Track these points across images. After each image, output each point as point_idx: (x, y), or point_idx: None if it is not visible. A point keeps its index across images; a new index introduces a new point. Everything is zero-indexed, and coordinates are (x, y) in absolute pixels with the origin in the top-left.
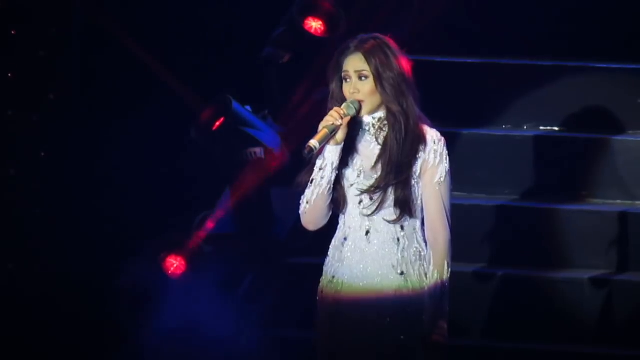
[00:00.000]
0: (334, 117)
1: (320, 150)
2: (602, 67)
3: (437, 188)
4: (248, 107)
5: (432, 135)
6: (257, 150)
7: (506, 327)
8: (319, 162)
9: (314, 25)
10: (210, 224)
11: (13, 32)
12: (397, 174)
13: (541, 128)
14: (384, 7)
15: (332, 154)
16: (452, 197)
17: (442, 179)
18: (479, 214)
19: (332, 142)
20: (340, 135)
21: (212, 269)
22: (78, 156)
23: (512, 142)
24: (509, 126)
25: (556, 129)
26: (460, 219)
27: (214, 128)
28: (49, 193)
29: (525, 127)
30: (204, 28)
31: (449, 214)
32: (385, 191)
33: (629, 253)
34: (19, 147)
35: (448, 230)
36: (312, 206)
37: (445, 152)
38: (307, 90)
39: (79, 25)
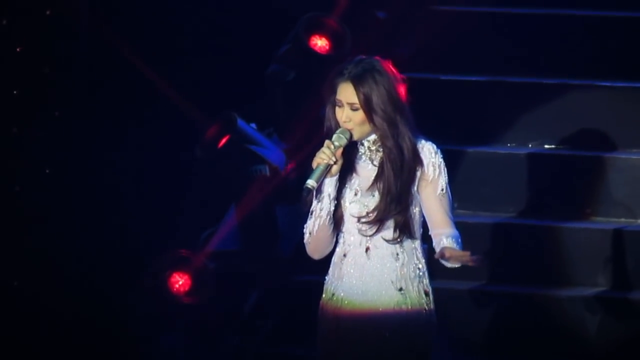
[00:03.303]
0: (327, 155)
1: (319, 186)
2: (607, 85)
3: (441, 199)
4: (253, 125)
5: (428, 148)
6: (262, 167)
7: (510, 344)
8: (316, 195)
9: (319, 43)
10: (215, 242)
11: (18, 50)
12: (397, 203)
13: (546, 146)
14: (389, 25)
15: (328, 186)
16: (456, 215)
17: (444, 190)
18: (483, 232)
19: (327, 175)
20: (335, 168)
21: (217, 286)
22: (83, 173)
23: (517, 160)
24: (514, 144)
25: (561, 146)
26: (464, 236)
27: (220, 146)
28: (53, 210)
29: (530, 145)
30: (209, 46)
31: (453, 222)
32: (384, 219)
33: (632, 271)
34: (23, 164)
35: (457, 231)
36: (314, 237)
37: (443, 163)
38: (313, 108)
39: (84, 42)
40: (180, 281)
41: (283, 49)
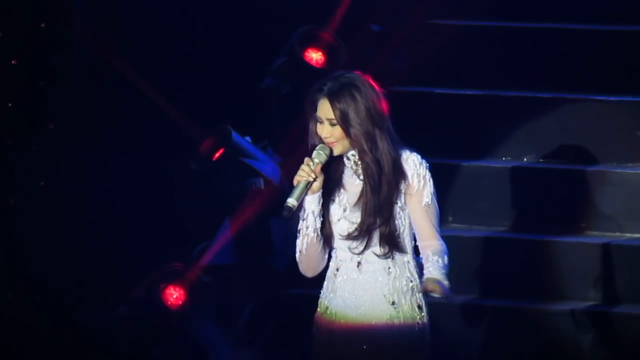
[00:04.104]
0: (307, 172)
1: (301, 205)
2: (602, 99)
3: (427, 210)
4: (248, 138)
5: (413, 159)
6: (257, 181)
7: (503, 358)
8: (301, 214)
9: (314, 56)
10: (209, 255)
11: (13, 62)
12: (376, 216)
13: (541, 160)
14: (384, 39)
15: (310, 203)
16: (450, 229)
17: (430, 201)
18: (477, 246)
19: (309, 192)
20: (317, 184)
21: (211, 300)
22: (77, 186)
23: (511, 174)
24: (509, 158)
25: (555, 160)
26: (459, 250)
27: (214, 159)
28: (48, 222)
29: (524, 159)
30: (204, 59)
31: (439, 227)
32: (369, 233)
33: (627, 285)
34: (18, 177)
35: (443, 244)
36: (305, 255)
37: (428, 174)
38: (307, 122)
39: (79, 55)
40: (174, 294)
41: (278, 62)
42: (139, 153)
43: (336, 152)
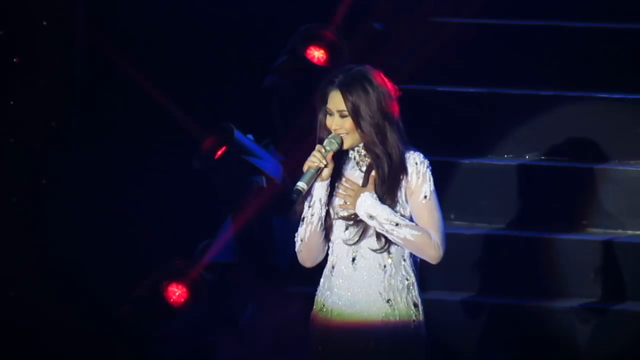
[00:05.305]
0: (318, 158)
1: (309, 190)
2: (603, 96)
3: (424, 203)
4: (250, 136)
5: (414, 157)
6: (259, 179)
7: (503, 356)
8: (307, 200)
9: (316, 54)
10: (211, 253)
11: (15, 60)
12: None
13: (543, 158)
14: (386, 37)
15: (319, 190)
16: (453, 226)
17: (428, 197)
18: (480, 243)
19: (318, 179)
20: (327, 172)
21: (213, 298)
22: (79, 184)
23: (513, 172)
24: (511, 155)
25: (557, 158)
26: (461, 248)
27: (216, 157)
28: (49, 221)
29: (526, 157)
30: (207, 57)
31: (440, 229)
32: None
33: (629, 283)
34: (20, 175)
35: (439, 237)
36: (306, 244)
37: (429, 173)
38: (309, 119)
39: (81, 53)
40: (177, 292)
41: (280, 61)
42: (141, 151)
43: (346, 145)
